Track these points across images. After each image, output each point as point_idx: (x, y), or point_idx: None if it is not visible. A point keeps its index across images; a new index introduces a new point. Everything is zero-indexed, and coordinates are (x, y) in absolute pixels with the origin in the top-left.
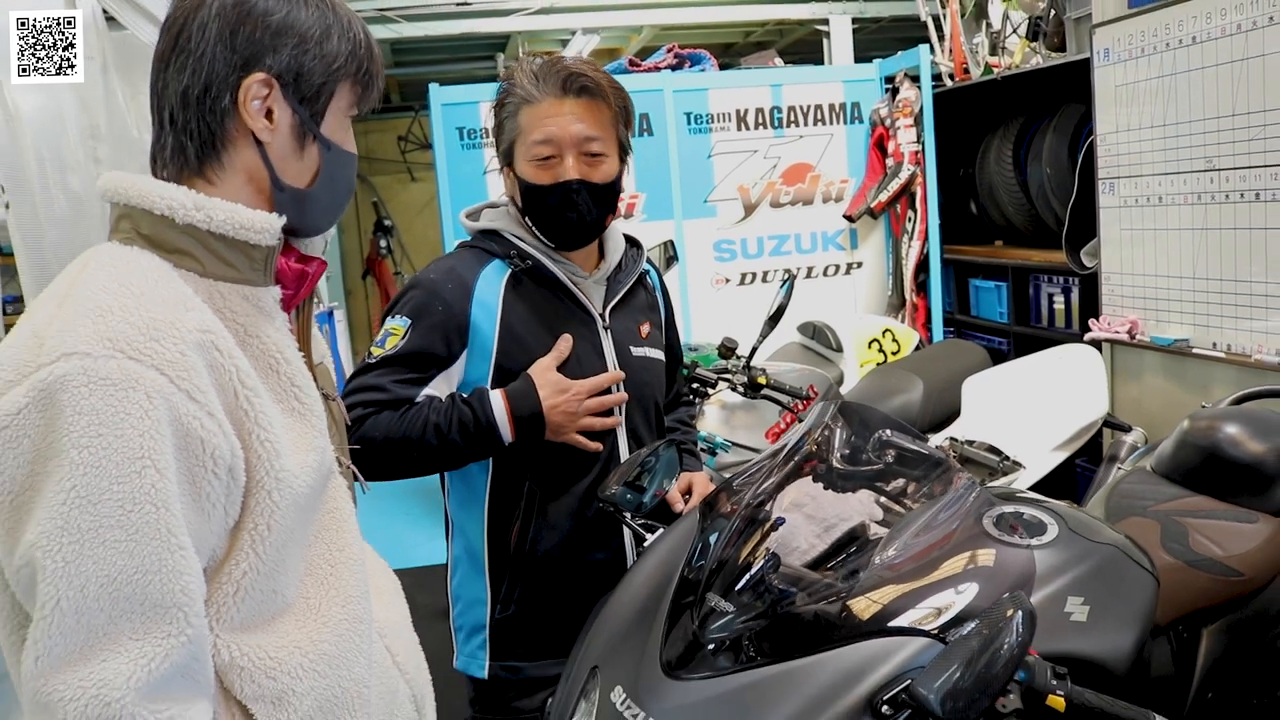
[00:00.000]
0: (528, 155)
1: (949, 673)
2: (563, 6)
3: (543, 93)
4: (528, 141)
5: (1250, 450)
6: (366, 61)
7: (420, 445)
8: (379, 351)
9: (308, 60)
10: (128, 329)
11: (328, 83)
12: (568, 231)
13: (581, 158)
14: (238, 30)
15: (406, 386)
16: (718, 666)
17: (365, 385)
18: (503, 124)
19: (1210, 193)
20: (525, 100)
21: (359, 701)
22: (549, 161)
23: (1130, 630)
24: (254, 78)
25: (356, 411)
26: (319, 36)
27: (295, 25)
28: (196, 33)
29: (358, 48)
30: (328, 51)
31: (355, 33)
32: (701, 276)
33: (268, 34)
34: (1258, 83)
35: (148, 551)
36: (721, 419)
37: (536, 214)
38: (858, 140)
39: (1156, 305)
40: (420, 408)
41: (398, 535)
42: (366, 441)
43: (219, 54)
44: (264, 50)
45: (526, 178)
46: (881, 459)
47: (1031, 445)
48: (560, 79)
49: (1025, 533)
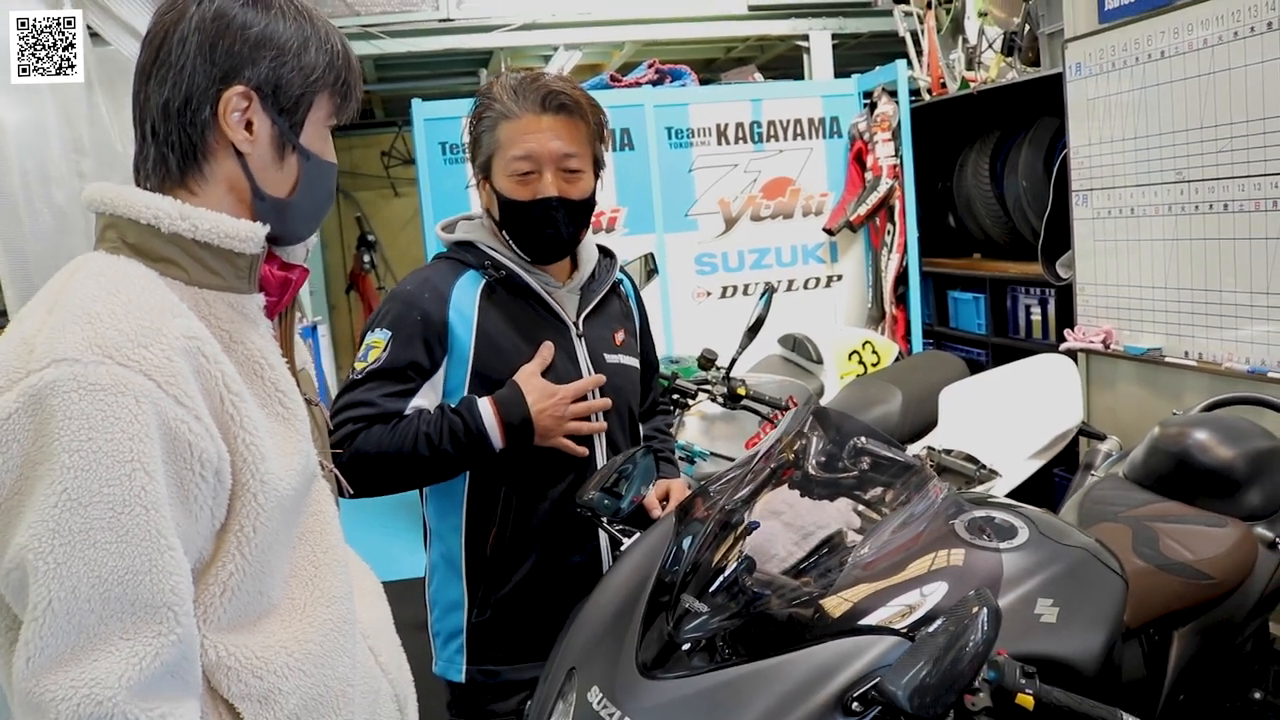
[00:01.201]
0: (506, 170)
1: (916, 669)
2: (545, 23)
3: (522, 108)
4: (506, 156)
5: (1219, 456)
6: (344, 72)
7: (412, 457)
8: (362, 366)
9: (286, 72)
10: (116, 335)
11: (306, 94)
12: (545, 247)
13: (560, 174)
14: (217, 43)
15: (394, 399)
16: (692, 666)
17: (353, 401)
18: (480, 137)
19: (1181, 204)
20: (504, 115)
21: (343, 700)
22: (528, 177)
23: (1099, 631)
24: (233, 90)
25: (348, 428)
26: (297, 49)
27: (273, 38)
28: (177, 46)
29: (335, 59)
30: (305, 63)
31: (333, 44)
32: (683, 290)
33: (246, 46)
34: (1225, 96)
35: (138, 553)
36: (701, 429)
37: (514, 228)
38: (837, 154)
39: (1130, 315)
40: (410, 420)
41: (378, 548)
42: (360, 457)
43: (199, 67)
44: (243, 62)
45: (505, 192)
46: (857, 466)
47: (1008, 454)
48: (540, 95)
49: (995, 536)
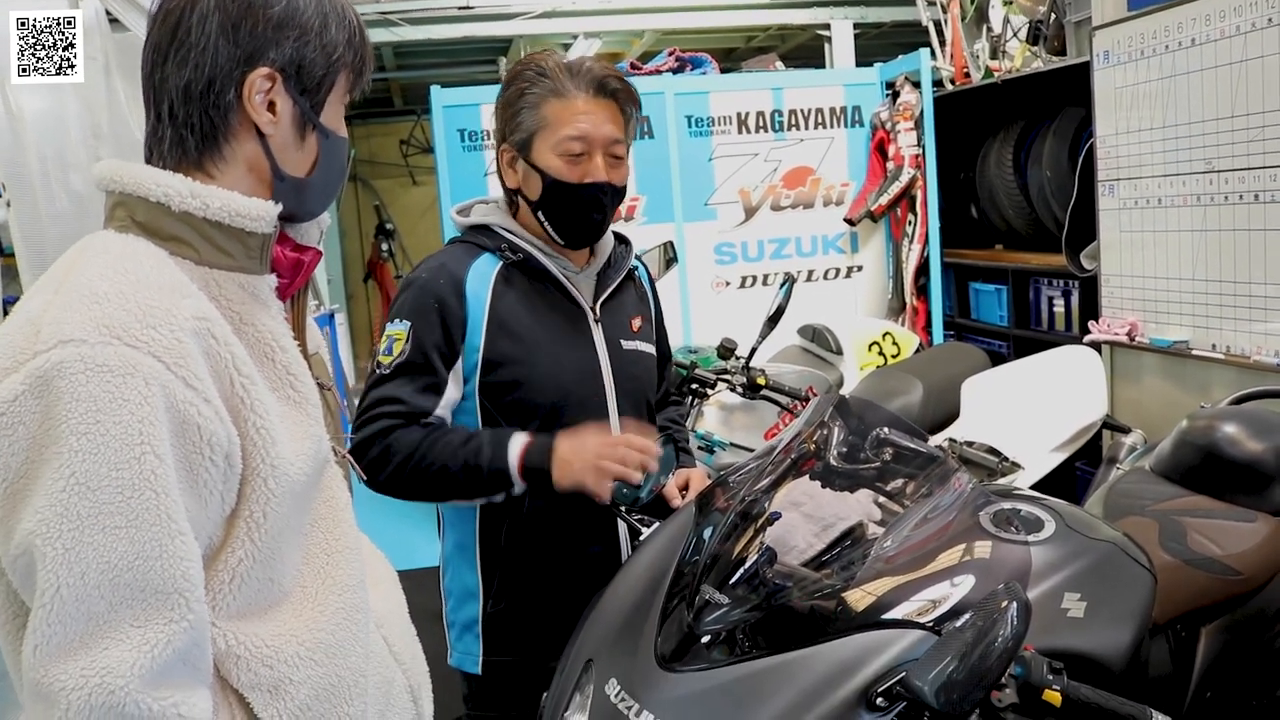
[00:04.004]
0: (557, 149)
1: (943, 664)
2: (565, 10)
3: (577, 88)
4: (558, 135)
5: (1249, 449)
6: (361, 48)
7: (442, 473)
8: (388, 360)
9: (309, 52)
10: (124, 315)
11: (329, 73)
12: (585, 230)
13: (608, 159)
14: (240, 24)
15: (424, 395)
16: (712, 659)
17: (383, 398)
18: (520, 111)
19: (1210, 194)
20: (555, 93)
21: (355, 691)
22: (579, 159)
23: (1127, 627)
24: (258, 72)
25: (382, 423)
26: (319, 27)
27: (296, 17)
28: (197, 26)
29: (354, 35)
30: (327, 41)
31: (349, 19)
32: (702, 280)
33: (270, 27)
34: (1257, 84)
35: (148, 537)
36: (720, 419)
37: (556, 209)
38: (858, 144)
39: (1156, 307)
40: (450, 438)
41: (393, 536)
42: (390, 457)
43: (221, 48)
44: (267, 44)
45: (552, 172)
46: (879, 457)
47: (1031, 446)
48: (596, 79)
49: (1022, 529)
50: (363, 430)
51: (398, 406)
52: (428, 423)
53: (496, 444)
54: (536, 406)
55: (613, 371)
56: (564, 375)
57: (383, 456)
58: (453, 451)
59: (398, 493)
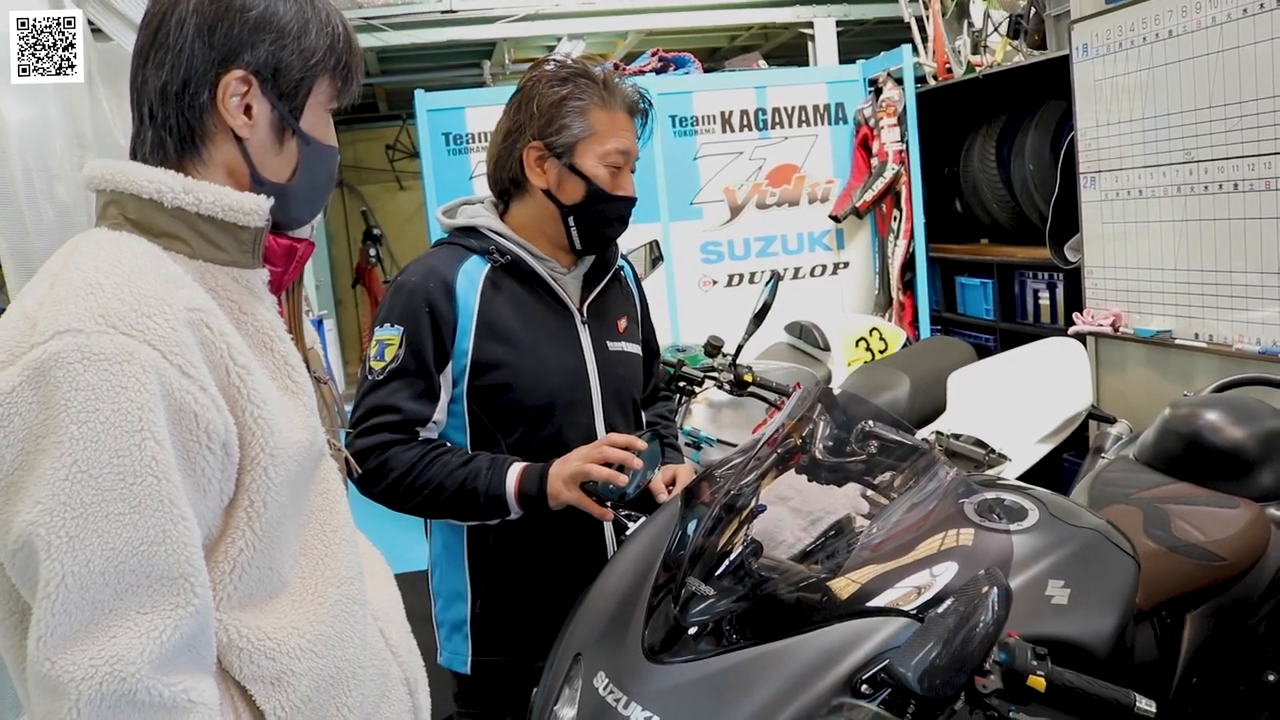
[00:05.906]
0: (605, 160)
1: (925, 650)
2: (548, 13)
3: (617, 104)
4: (606, 146)
5: (1231, 436)
6: (345, 55)
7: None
8: (380, 365)
9: (286, 55)
10: (119, 305)
11: (306, 78)
12: (607, 239)
13: (628, 174)
14: (216, 25)
15: (421, 402)
16: (699, 650)
17: (379, 406)
18: (566, 114)
19: (1190, 184)
20: (603, 104)
21: (354, 683)
22: (618, 172)
23: (1111, 613)
24: (232, 74)
25: (382, 436)
26: (297, 31)
27: (273, 20)
28: (175, 28)
29: (336, 41)
30: (306, 46)
31: (334, 26)
32: (689, 278)
33: (246, 29)
34: (1234, 75)
35: (151, 523)
36: (708, 416)
37: (588, 215)
38: (842, 141)
39: (1139, 298)
40: (444, 459)
41: (383, 540)
42: (388, 473)
43: (197, 49)
44: (242, 46)
45: (598, 181)
46: (864, 450)
47: (1017, 438)
48: (629, 97)
49: (1005, 517)
50: (360, 441)
51: (394, 416)
52: (425, 436)
53: (494, 470)
54: (524, 409)
55: (599, 373)
56: (551, 379)
57: (379, 471)
58: (449, 474)
59: (391, 506)
